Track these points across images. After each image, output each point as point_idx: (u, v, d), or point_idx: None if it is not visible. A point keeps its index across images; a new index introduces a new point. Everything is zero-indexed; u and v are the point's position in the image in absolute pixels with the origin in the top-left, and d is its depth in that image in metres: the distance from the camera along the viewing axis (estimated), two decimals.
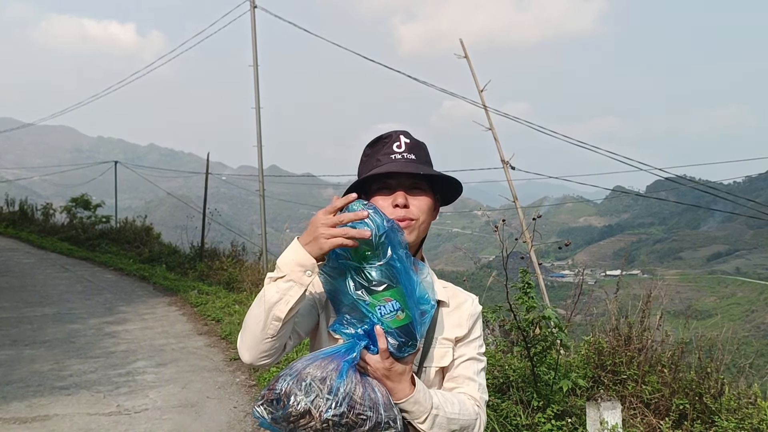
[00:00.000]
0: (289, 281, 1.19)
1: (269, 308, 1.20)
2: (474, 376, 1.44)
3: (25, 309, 8.19)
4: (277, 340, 1.24)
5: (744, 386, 4.07)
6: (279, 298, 1.19)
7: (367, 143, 1.47)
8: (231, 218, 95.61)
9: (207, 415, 4.52)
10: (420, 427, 1.30)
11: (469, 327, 1.47)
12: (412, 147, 1.42)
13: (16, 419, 4.31)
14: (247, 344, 1.26)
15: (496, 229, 4.05)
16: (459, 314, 1.47)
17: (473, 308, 1.49)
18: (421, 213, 1.39)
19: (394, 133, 1.43)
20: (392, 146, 1.41)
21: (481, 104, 8.13)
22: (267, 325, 1.21)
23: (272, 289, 1.20)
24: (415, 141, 1.44)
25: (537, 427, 3.57)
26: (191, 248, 13.74)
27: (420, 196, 1.40)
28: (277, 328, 1.21)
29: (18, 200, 19.24)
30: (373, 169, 1.39)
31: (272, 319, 1.20)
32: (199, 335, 7.10)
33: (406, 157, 1.39)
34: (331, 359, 1.21)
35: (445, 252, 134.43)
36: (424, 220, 1.41)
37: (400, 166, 1.37)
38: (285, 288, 1.19)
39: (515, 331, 4.09)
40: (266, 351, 1.25)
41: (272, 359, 1.28)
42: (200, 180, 14.49)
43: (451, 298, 1.48)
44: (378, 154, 1.41)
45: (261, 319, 1.21)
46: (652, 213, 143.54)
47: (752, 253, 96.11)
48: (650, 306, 4.51)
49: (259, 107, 12.27)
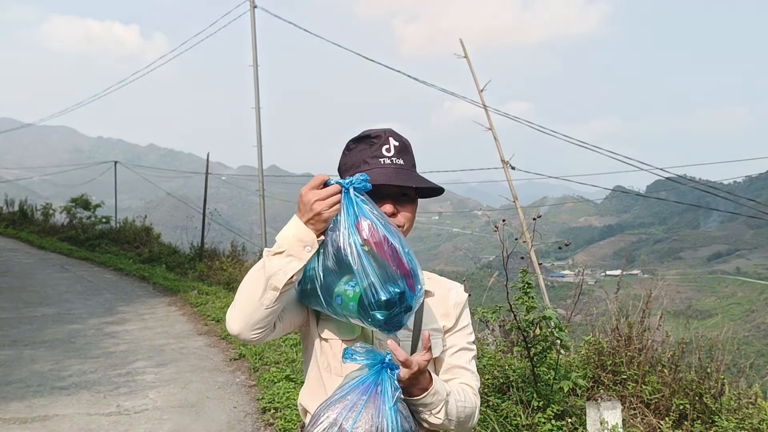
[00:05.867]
0: (288, 256, 1.21)
1: (268, 278, 1.21)
2: (467, 365, 1.47)
3: (25, 309, 8.19)
4: (270, 314, 1.25)
5: (744, 386, 4.07)
6: (278, 269, 1.21)
7: (351, 138, 1.46)
8: (231, 218, 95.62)
9: (207, 415, 4.52)
10: (434, 419, 1.30)
11: (456, 316, 1.49)
12: (400, 151, 1.42)
13: (16, 419, 4.31)
14: (240, 313, 1.26)
15: (496, 229, 4.05)
16: (445, 304, 1.49)
17: (459, 297, 1.51)
18: (407, 220, 1.43)
19: (382, 134, 1.42)
20: (381, 149, 1.40)
21: (481, 104, 8.13)
22: (264, 294, 1.22)
23: (272, 262, 1.22)
24: (402, 143, 1.43)
25: (537, 427, 3.57)
26: (191, 248, 13.74)
27: (407, 204, 1.43)
28: (273, 298, 1.22)
29: (18, 200, 19.27)
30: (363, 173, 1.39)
31: (270, 288, 1.22)
32: (199, 335, 7.10)
33: (395, 163, 1.39)
34: (371, 402, 1.19)
35: (445, 252, 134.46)
36: (409, 226, 1.44)
37: (391, 175, 1.37)
38: (285, 262, 1.21)
39: (515, 331, 4.10)
40: (258, 323, 1.25)
41: (261, 335, 1.28)
42: (200, 180, 14.50)
43: (436, 288, 1.49)
44: (365, 155, 1.40)
45: (259, 288, 1.23)
46: (652, 213, 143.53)
47: (752, 253, 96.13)
48: (650, 306, 4.50)
49: (259, 107, 12.29)
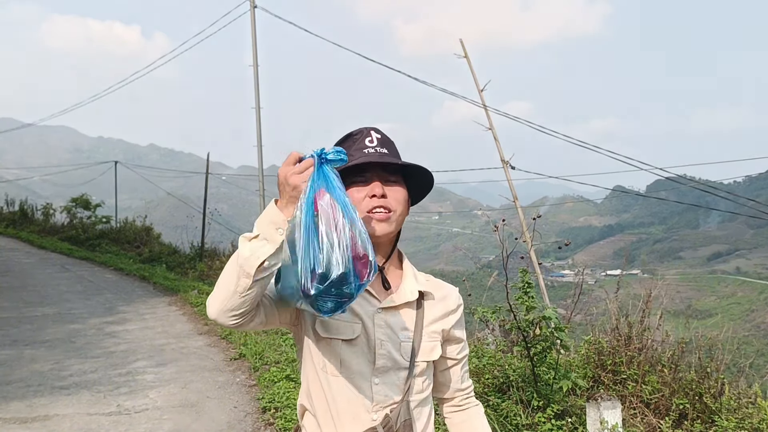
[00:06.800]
0: (262, 240, 1.22)
1: (241, 264, 1.22)
2: (467, 378, 1.59)
3: (25, 309, 8.20)
4: (246, 300, 1.24)
5: (744, 386, 4.07)
6: (251, 254, 1.22)
7: (335, 142, 1.46)
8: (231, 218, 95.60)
9: (207, 415, 4.52)
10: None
11: (456, 320, 1.51)
12: (384, 142, 1.43)
13: (16, 419, 4.31)
14: (217, 298, 1.27)
15: (496, 228, 4.06)
16: (444, 306, 1.49)
17: (458, 300, 1.53)
18: (398, 204, 1.40)
19: (364, 129, 1.43)
20: (364, 141, 1.41)
21: (481, 104, 8.13)
22: (238, 281, 1.23)
23: (245, 247, 1.23)
24: (385, 137, 1.44)
25: (537, 426, 3.57)
26: (191, 248, 13.76)
27: (395, 187, 1.41)
28: (246, 285, 1.22)
29: (18, 200, 19.28)
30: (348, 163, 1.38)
31: (242, 275, 1.22)
32: (199, 335, 7.10)
33: (379, 151, 1.40)
34: None
35: (445, 252, 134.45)
36: (401, 213, 1.42)
37: (376, 158, 1.38)
38: (258, 246, 1.22)
39: (515, 331, 4.10)
40: (233, 309, 1.25)
41: (238, 321, 1.28)
42: (200, 180, 14.51)
43: (435, 291, 1.49)
44: (350, 150, 1.41)
45: (233, 274, 1.23)
46: (652, 213, 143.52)
47: (752, 252, 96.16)
48: (650, 306, 4.50)
49: (259, 107, 12.29)
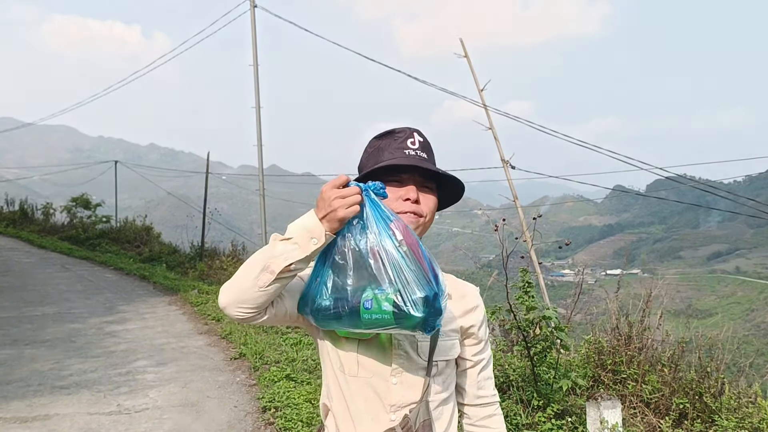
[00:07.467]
0: (294, 244, 1.20)
1: (267, 259, 1.20)
2: (488, 375, 1.53)
3: (25, 308, 8.19)
4: (261, 295, 1.22)
5: (744, 385, 4.07)
6: (280, 254, 1.20)
7: (374, 136, 1.44)
8: (231, 218, 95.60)
9: (207, 415, 4.52)
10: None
11: (475, 319, 1.46)
12: (425, 146, 1.41)
13: (16, 419, 4.31)
14: (233, 288, 1.24)
15: (496, 228, 4.06)
16: (463, 305, 1.46)
17: (477, 299, 1.50)
18: (429, 211, 1.39)
19: (408, 129, 1.42)
20: (406, 142, 1.39)
21: (481, 104, 8.13)
22: (259, 274, 1.20)
23: (277, 246, 1.21)
24: (426, 141, 1.43)
25: (537, 426, 3.57)
26: (191, 248, 13.76)
27: (428, 194, 1.40)
28: (267, 281, 1.20)
29: (18, 200, 19.27)
30: (387, 161, 1.36)
31: (266, 270, 1.20)
32: (200, 335, 7.10)
33: (419, 155, 1.38)
34: None
35: (445, 251, 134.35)
36: (429, 219, 1.40)
37: (417, 162, 1.36)
38: (289, 248, 1.20)
39: (515, 331, 4.10)
40: (246, 302, 1.23)
41: (247, 315, 1.25)
42: (200, 180, 14.51)
43: (453, 289, 1.46)
44: (389, 148, 1.39)
45: (256, 267, 1.21)
46: (652, 212, 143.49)
47: (752, 252, 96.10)
48: (650, 305, 4.50)
49: (259, 107, 12.28)
